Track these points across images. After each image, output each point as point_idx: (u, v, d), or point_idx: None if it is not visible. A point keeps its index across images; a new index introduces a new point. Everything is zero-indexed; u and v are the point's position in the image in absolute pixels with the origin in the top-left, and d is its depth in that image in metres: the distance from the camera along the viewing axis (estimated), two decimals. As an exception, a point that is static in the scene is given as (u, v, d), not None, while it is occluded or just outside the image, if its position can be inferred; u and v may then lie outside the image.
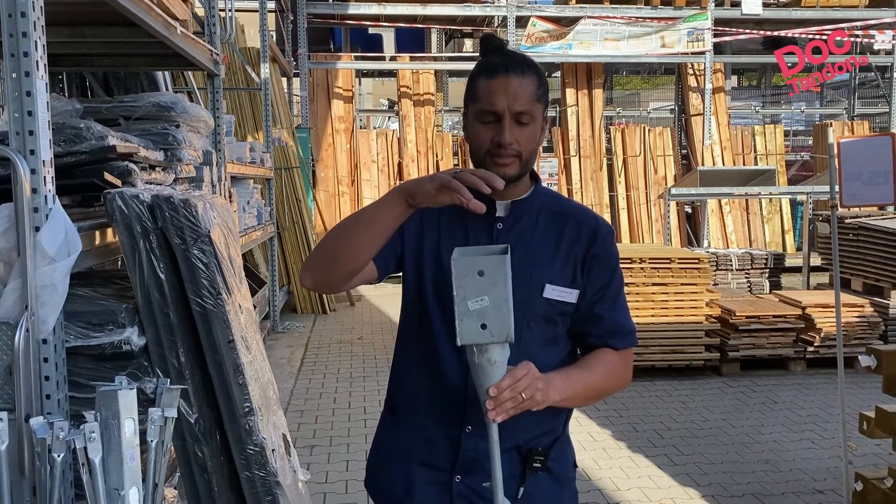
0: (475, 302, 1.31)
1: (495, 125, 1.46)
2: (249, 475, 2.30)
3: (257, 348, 2.57)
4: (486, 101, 1.46)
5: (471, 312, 1.31)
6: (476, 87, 1.49)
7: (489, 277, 1.30)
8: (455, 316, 1.31)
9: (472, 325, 1.31)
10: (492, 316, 1.31)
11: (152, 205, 2.18)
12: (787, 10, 11.06)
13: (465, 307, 1.32)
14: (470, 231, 1.54)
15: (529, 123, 1.47)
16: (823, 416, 4.93)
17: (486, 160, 1.48)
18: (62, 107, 2.96)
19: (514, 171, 1.48)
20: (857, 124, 12.29)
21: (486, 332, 1.31)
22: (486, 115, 1.46)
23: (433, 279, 1.54)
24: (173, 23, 3.27)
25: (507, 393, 1.31)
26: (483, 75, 1.48)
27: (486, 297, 1.31)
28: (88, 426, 1.67)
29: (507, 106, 1.44)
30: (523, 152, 1.47)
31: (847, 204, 3.34)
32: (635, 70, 18.37)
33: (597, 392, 1.55)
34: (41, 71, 1.88)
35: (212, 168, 3.94)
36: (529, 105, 1.46)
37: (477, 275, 1.30)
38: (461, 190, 1.30)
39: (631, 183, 11.24)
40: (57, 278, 1.89)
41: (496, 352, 1.33)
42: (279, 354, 6.65)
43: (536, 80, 1.48)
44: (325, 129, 10.43)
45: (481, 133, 1.48)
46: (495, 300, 1.31)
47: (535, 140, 1.49)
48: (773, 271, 7.56)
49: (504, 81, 1.45)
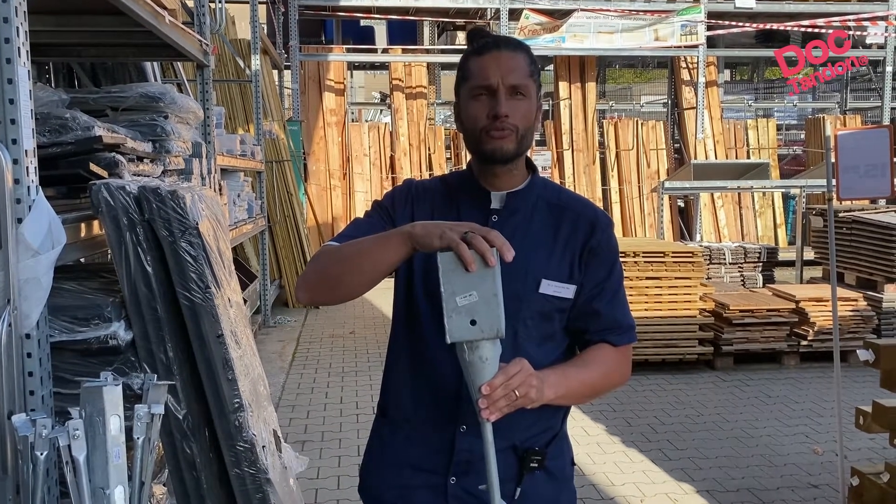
0: (463, 297, 1.26)
1: (489, 99, 1.42)
2: (239, 472, 2.26)
3: (247, 343, 2.53)
4: (479, 77, 1.43)
5: (459, 308, 1.26)
6: (468, 66, 1.46)
7: (477, 271, 1.25)
8: (443, 312, 1.26)
9: (461, 322, 1.26)
10: (481, 311, 1.26)
11: (139, 196, 2.13)
12: (780, 4, 11.04)
13: (454, 303, 1.26)
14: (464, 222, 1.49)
15: (525, 97, 1.43)
16: (817, 410, 4.92)
17: (482, 136, 1.43)
18: (48, 97, 2.90)
19: (511, 146, 1.44)
20: (850, 118, 12.30)
21: (476, 328, 1.26)
22: (480, 90, 1.43)
23: (422, 276, 1.49)
24: (162, 12, 3.21)
25: (499, 391, 1.26)
26: (474, 54, 1.46)
27: (474, 291, 1.26)
28: (72, 423, 1.62)
29: (501, 78, 1.41)
30: (519, 126, 1.43)
31: (844, 197, 3.31)
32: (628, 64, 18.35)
33: (593, 389, 1.50)
34: (23, 58, 1.83)
35: (201, 160, 3.88)
36: (524, 79, 1.43)
37: (464, 269, 1.25)
38: (465, 257, 1.23)
39: (624, 177, 11.22)
40: (40, 271, 1.84)
41: (487, 348, 1.28)
42: (270, 349, 6.60)
43: (528, 58, 1.46)
44: (316, 122, 10.36)
45: (476, 109, 1.43)
46: (484, 295, 1.26)
47: (530, 116, 1.45)
48: (766, 265, 7.56)
49: (496, 56, 1.43)
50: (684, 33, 10.71)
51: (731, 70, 18.19)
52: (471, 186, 1.51)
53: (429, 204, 1.53)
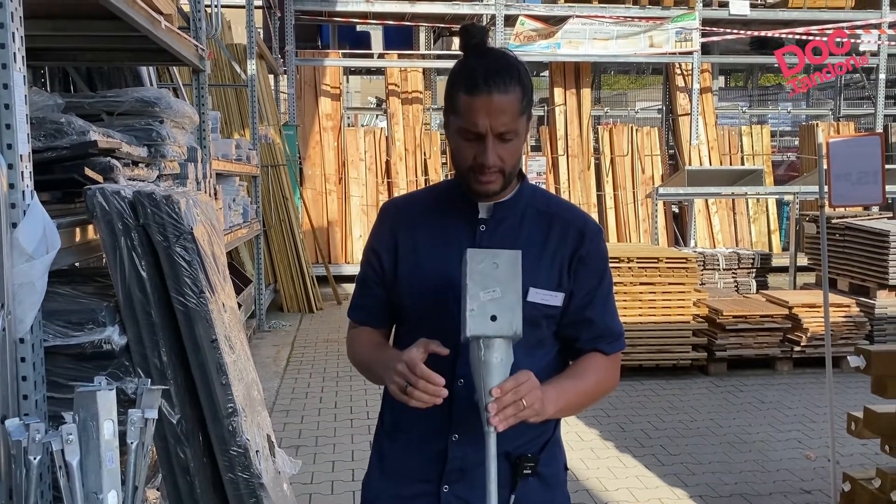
0: (487, 292, 1.27)
1: (478, 143, 1.41)
2: (233, 477, 2.26)
3: (241, 348, 2.53)
4: (467, 121, 1.40)
5: (483, 303, 1.27)
6: (457, 101, 1.41)
7: (504, 270, 1.27)
8: (464, 307, 1.26)
9: (482, 316, 1.27)
10: (503, 309, 1.27)
11: (134, 201, 2.14)
12: (774, 11, 11.10)
13: (477, 297, 1.27)
14: (451, 236, 1.50)
15: (513, 140, 1.42)
16: (810, 415, 4.94)
17: (469, 175, 1.44)
18: (43, 101, 2.90)
19: (498, 187, 1.45)
20: (843, 125, 12.35)
21: (496, 324, 1.26)
22: (468, 133, 1.41)
23: (413, 290, 1.52)
24: (157, 17, 3.21)
25: (510, 396, 1.27)
26: (464, 90, 1.39)
27: (498, 288, 1.27)
28: (66, 428, 1.62)
29: (490, 126, 1.38)
30: (506, 168, 1.43)
31: (836, 204, 3.33)
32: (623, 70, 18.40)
33: (588, 399, 1.52)
34: (19, 63, 1.83)
35: (196, 165, 3.89)
36: (513, 122, 1.40)
37: (491, 266, 1.27)
38: (410, 397, 1.33)
39: (618, 182, 11.24)
40: (35, 276, 1.84)
41: (503, 349, 1.28)
42: (265, 353, 6.59)
43: (520, 91, 1.40)
44: (312, 126, 10.36)
45: (463, 149, 1.43)
46: (507, 293, 1.27)
47: (518, 153, 1.45)
48: (759, 271, 7.57)
49: (486, 101, 1.37)
50: (679, 40, 10.75)
51: (725, 77, 18.27)
52: (458, 197, 1.52)
53: (412, 222, 1.55)
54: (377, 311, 1.60)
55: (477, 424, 1.39)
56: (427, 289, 1.48)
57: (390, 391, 1.38)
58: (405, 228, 1.54)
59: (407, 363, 1.32)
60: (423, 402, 1.31)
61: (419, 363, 1.32)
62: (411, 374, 1.31)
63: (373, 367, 1.52)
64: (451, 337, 1.37)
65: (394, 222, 1.56)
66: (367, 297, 1.60)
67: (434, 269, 1.49)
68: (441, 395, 1.30)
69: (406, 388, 1.31)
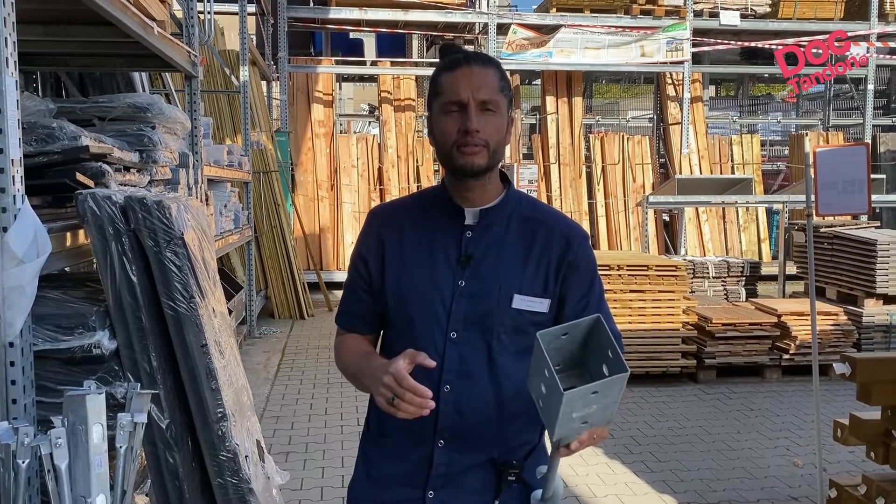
0: (581, 410, 1.24)
1: (461, 115, 1.45)
2: (222, 482, 2.27)
3: (231, 353, 2.54)
4: (450, 93, 1.46)
5: (574, 419, 1.25)
6: (439, 82, 1.49)
7: (603, 394, 1.23)
8: (555, 422, 1.24)
9: (574, 426, 1.26)
10: (597, 416, 1.26)
11: (125, 206, 2.15)
12: (764, 22, 11.19)
13: (569, 418, 1.24)
14: (437, 242, 1.52)
15: (495, 112, 1.46)
16: (798, 423, 4.96)
17: (454, 152, 1.46)
18: (35, 106, 2.91)
19: (483, 162, 1.46)
20: (832, 135, 12.44)
21: (586, 425, 1.27)
22: (451, 105, 1.45)
23: (400, 296, 1.53)
24: (150, 23, 3.23)
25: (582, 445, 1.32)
26: (445, 70, 1.49)
27: (595, 406, 1.24)
28: (55, 432, 1.63)
29: (472, 94, 1.44)
30: (490, 142, 1.46)
31: (823, 213, 3.37)
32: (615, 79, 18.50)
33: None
34: (11, 68, 1.84)
35: (188, 170, 3.89)
36: (494, 94, 1.46)
37: (590, 395, 1.22)
38: (397, 409, 1.34)
39: (610, 191, 11.29)
40: (25, 280, 1.84)
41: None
42: (255, 360, 6.58)
43: (498, 73, 1.49)
44: (304, 133, 10.37)
45: (447, 124, 1.46)
46: (604, 408, 1.25)
47: (501, 131, 1.48)
48: (749, 279, 7.62)
49: (467, 72, 1.45)
50: (670, 50, 10.82)
51: (716, 86, 18.38)
52: (444, 203, 1.54)
53: (399, 228, 1.56)
54: (364, 318, 1.61)
55: (462, 430, 1.41)
56: (414, 295, 1.50)
57: (377, 402, 1.39)
58: (392, 235, 1.55)
59: (394, 375, 1.33)
60: (409, 413, 1.32)
61: (406, 375, 1.33)
62: (398, 386, 1.32)
63: (360, 377, 1.52)
64: (436, 343, 1.38)
65: (381, 228, 1.58)
66: (354, 304, 1.61)
67: (421, 275, 1.51)
68: (428, 408, 1.32)
69: (393, 400, 1.32)
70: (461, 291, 1.47)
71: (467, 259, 1.49)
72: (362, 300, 1.59)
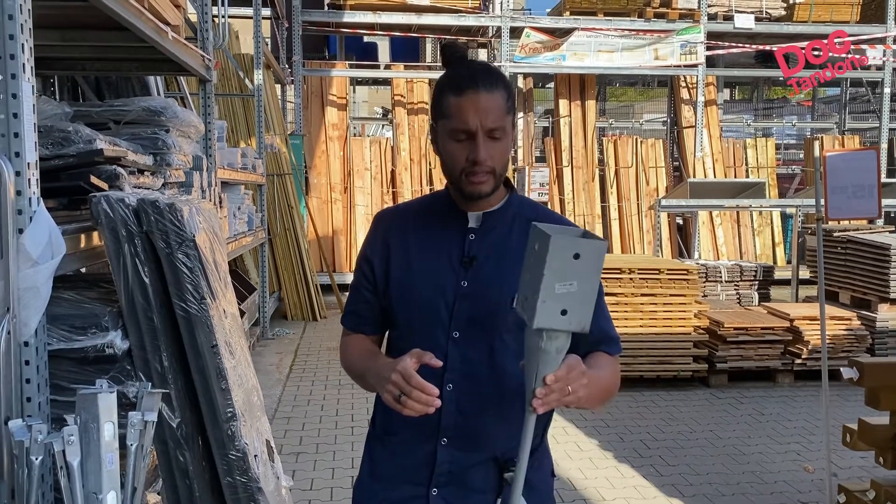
0: (563, 286, 1.24)
1: (468, 143, 1.45)
2: (231, 481, 2.30)
3: (242, 354, 2.57)
4: (458, 120, 1.45)
5: (556, 296, 1.24)
6: (445, 103, 1.47)
7: (584, 263, 1.23)
8: (537, 296, 1.24)
9: (553, 310, 1.24)
10: (576, 303, 1.25)
11: (137, 209, 2.18)
12: (779, 25, 11.15)
13: (552, 289, 1.23)
14: (441, 244, 1.55)
15: (502, 138, 1.46)
16: (810, 428, 4.94)
17: (462, 178, 1.48)
18: (52, 110, 2.96)
19: (489, 188, 1.49)
20: (848, 139, 12.37)
21: (566, 318, 1.25)
22: (459, 133, 1.45)
23: (404, 298, 1.56)
24: (164, 28, 3.28)
25: (560, 384, 1.29)
26: (452, 92, 1.46)
27: (575, 282, 1.24)
28: (67, 429, 1.66)
29: (480, 123, 1.43)
30: (497, 167, 1.48)
31: (832, 217, 3.36)
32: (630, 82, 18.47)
33: (608, 393, 1.53)
34: (28, 74, 1.88)
35: (202, 173, 3.94)
36: (501, 120, 1.45)
37: (572, 257, 1.22)
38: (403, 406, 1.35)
39: (623, 194, 11.28)
40: (40, 281, 1.88)
41: (563, 340, 1.28)
42: (268, 361, 6.63)
43: (504, 92, 1.47)
44: (318, 136, 10.44)
45: (455, 151, 1.47)
46: (583, 287, 1.24)
47: (506, 153, 1.50)
48: (762, 283, 7.59)
49: (474, 98, 1.43)
50: (684, 53, 10.80)
51: (730, 89, 18.30)
52: (448, 207, 1.57)
53: (404, 231, 1.59)
54: (370, 318, 1.64)
55: (464, 428, 1.43)
56: (418, 296, 1.52)
57: (384, 400, 1.41)
58: (397, 237, 1.58)
59: (402, 373, 1.35)
60: (416, 411, 1.34)
61: (413, 373, 1.35)
62: (405, 384, 1.34)
63: (365, 376, 1.55)
64: (440, 342, 1.40)
65: (386, 231, 1.61)
66: (359, 304, 1.64)
67: (424, 276, 1.54)
68: (434, 405, 1.33)
69: (399, 397, 1.35)
70: (464, 292, 1.50)
71: (470, 260, 1.52)
72: (367, 300, 1.62)
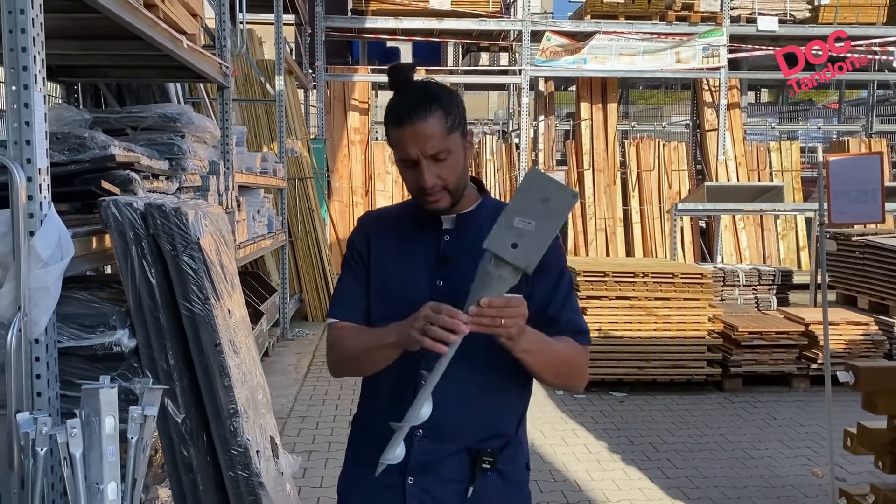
0: (522, 220, 1.28)
1: (415, 169, 1.54)
2: (233, 475, 2.38)
3: (247, 352, 2.65)
4: (400, 150, 1.54)
5: (513, 228, 1.28)
6: (389, 134, 1.56)
7: (550, 207, 1.26)
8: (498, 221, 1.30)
9: (505, 238, 1.29)
10: (527, 241, 1.28)
11: (145, 212, 2.28)
12: (803, 27, 11.04)
13: (511, 219, 1.28)
14: (418, 245, 1.62)
15: (447, 158, 1.53)
16: (822, 433, 4.91)
17: (419, 198, 1.58)
18: (72, 116, 3.08)
19: (446, 204, 1.57)
20: (875, 142, 12.21)
21: (513, 252, 1.29)
22: (405, 161, 1.54)
23: (381, 296, 1.63)
24: (180, 37, 3.38)
25: (493, 311, 1.34)
26: (392, 124, 1.54)
27: (534, 222, 1.28)
28: (70, 422, 1.76)
29: (421, 151, 1.51)
30: (449, 185, 1.55)
31: (835, 221, 3.37)
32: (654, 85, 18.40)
33: (565, 367, 1.57)
34: (39, 84, 1.98)
35: (218, 177, 4.04)
36: (441, 143, 1.51)
37: (541, 200, 1.26)
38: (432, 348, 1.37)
39: (645, 197, 11.24)
40: (49, 281, 1.98)
41: (510, 274, 1.32)
42: (287, 361, 6.74)
43: (442, 114, 1.51)
44: (340, 140, 10.56)
45: (407, 176, 1.57)
46: (541, 230, 1.28)
47: (458, 168, 1.56)
48: (781, 288, 7.55)
49: (411, 130, 1.50)
50: (706, 55, 10.75)
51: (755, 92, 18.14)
52: (425, 211, 1.64)
53: (383, 233, 1.68)
54: (359, 307, 1.68)
55: (439, 421, 1.49)
56: (396, 296, 1.60)
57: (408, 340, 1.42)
58: (378, 236, 1.68)
59: (432, 308, 1.39)
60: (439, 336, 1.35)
61: (444, 305, 1.39)
62: (435, 314, 1.37)
63: (373, 347, 1.56)
64: None
65: (368, 228, 1.71)
66: (347, 294, 1.69)
67: (401, 274, 1.62)
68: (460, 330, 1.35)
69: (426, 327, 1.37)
70: (439, 290, 1.57)
71: (444, 260, 1.59)
72: (355, 290, 1.68)
